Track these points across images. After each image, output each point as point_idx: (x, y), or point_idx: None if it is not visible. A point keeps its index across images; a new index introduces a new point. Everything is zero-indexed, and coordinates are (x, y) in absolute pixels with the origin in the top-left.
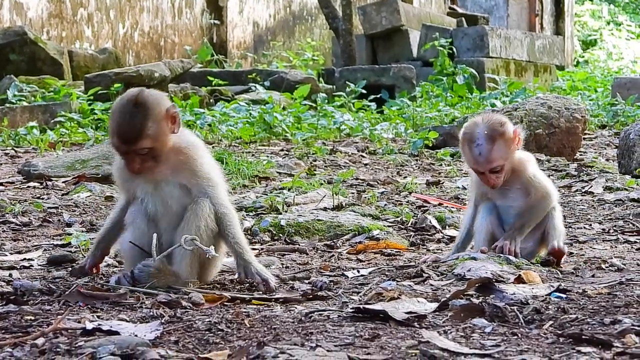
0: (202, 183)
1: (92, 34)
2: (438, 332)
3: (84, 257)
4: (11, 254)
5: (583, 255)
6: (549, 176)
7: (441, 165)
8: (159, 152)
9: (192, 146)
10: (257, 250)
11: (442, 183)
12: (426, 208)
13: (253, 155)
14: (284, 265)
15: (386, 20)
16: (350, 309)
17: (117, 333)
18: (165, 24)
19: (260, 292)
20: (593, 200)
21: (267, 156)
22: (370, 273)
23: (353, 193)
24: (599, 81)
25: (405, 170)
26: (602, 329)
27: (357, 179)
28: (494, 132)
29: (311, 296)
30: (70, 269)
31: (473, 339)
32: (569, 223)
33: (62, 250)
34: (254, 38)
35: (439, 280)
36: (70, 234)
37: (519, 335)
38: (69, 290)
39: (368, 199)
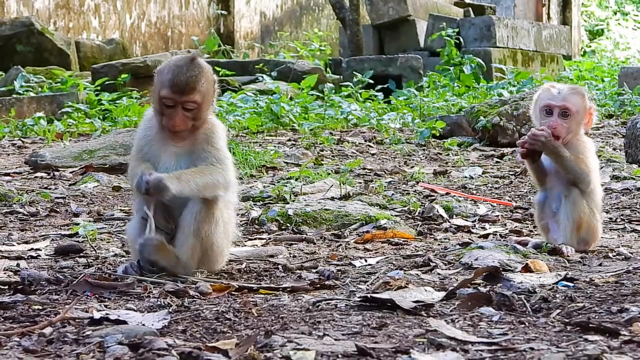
0: (214, 154)
1: (99, 25)
2: (445, 320)
3: (92, 247)
4: (19, 244)
5: None
6: None
7: (448, 154)
8: (200, 115)
9: (216, 126)
10: (265, 240)
11: (450, 172)
12: (433, 197)
13: (260, 145)
14: (292, 255)
15: (393, 10)
16: (358, 298)
17: (124, 322)
18: (172, 14)
19: (268, 282)
20: None
21: (275, 146)
22: (377, 262)
23: (360, 183)
24: (606, 71)
25: (413, 159)
26: (610, 318)
27: (364, 168)
28: (579, 90)
29: (319, 285)
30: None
31: (480, 328)
32: None
33: (69, 240)
34: (261, 28)
35: (446, 269)
36: (77, 224)
37: (527, 323)
38: (76, 280)
39: (375, 188)
